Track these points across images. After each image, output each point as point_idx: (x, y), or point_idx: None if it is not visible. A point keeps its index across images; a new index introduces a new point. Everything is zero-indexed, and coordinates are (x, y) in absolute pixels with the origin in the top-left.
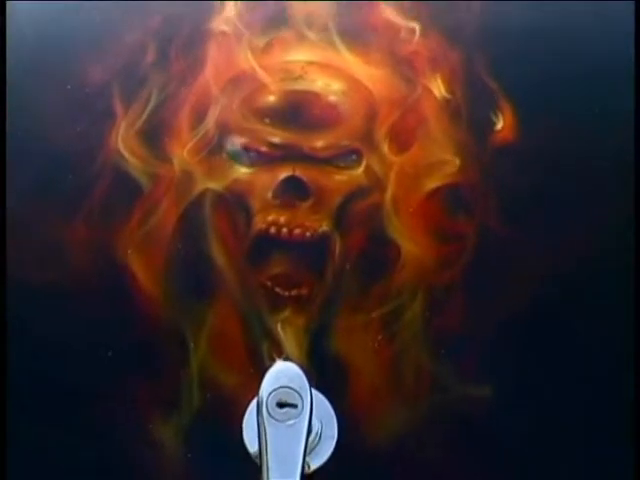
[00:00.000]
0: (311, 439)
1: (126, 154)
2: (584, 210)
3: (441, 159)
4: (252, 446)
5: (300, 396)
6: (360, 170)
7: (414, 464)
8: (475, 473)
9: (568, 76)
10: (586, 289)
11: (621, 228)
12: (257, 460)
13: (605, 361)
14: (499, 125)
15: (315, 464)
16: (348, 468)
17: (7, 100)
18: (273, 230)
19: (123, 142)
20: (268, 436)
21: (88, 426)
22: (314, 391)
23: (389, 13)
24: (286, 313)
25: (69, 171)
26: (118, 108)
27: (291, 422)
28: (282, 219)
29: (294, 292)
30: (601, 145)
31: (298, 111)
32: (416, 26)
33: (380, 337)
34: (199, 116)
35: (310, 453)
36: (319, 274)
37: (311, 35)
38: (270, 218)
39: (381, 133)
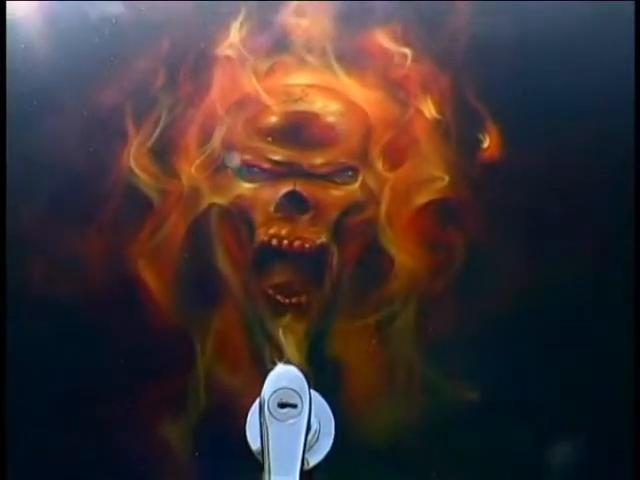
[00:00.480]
0: (310, 437)
1: (137, 171)
2: (566, 222)
3: (431, 175)
4: (255, 444)
5: (300, 397)
6: (356, 186)
7: (406, 460)
8: (461, 466)
9: (553, 97)
10: (566, 294)
11: (605, 237)
12: (259, 457)
13: (587, 367)
14: (486, 144)
15: (314, 460)
16: (345, 464)
17: (28, 120)
18: (275, 242)
19: (135, 160)
20: (270, 434)
21: (101, 425)
22: (313, 392)
23: (383, 39)
24: (287, 319)
25: (85, 187)
26: (130, 128)
27: (291, 421)
28: (283, 231)
29: (294, 300)
30: (583, 160)
31: (298, 131)
32: (408, 52)
33: (374, 341)
34: (206, 135)
35: (309, 450)
36: (318, 283)
37: (311, 60)
38: (272, 231)
39: (376, 151)
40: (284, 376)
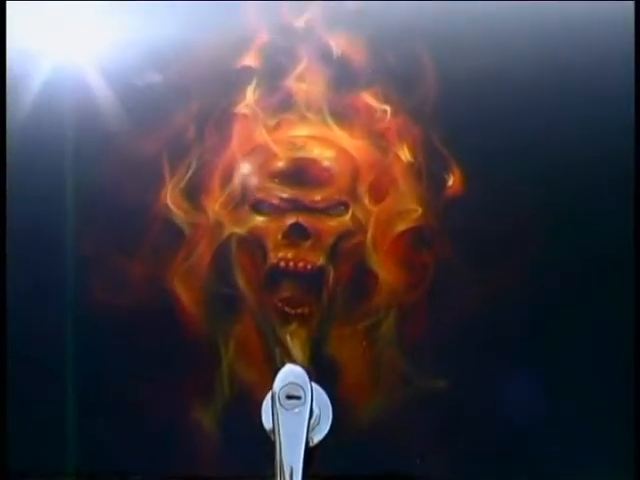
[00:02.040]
0: (313, 421)
1: (173, 208)
2: (516, 245)
3: (407, 208)
4: (268, 424)
5: (303, 390)
6: (347, 217)
7: (389, 438)
8: (433, 443)
9: (506, 144)
10: (519, 304)
11: (551, 255)
12: (272, 436)
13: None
14: (450, 182)
15: (316, 439)
16: (341, 441)
17: (89, 164)
18: (283, 264)
19: (170, 199)
20: (280, 420)
21: (146, 409)
22: (314, 385)
23: (367, 99)
24: (293, 327)
25: (132, 219)
26: (166, 173)
27: (297, 410)
28: (289, 255)
29: (299, 310)
30: (531, 196)
31: (301, 173)
32: (388, 108)
33: (363, 343)
34: (227, 178)
35: (312, 431)
36: (317, 296)
37: (310, 116)
38: (280, 254)
39: (363, 189)
40: (291, 373)
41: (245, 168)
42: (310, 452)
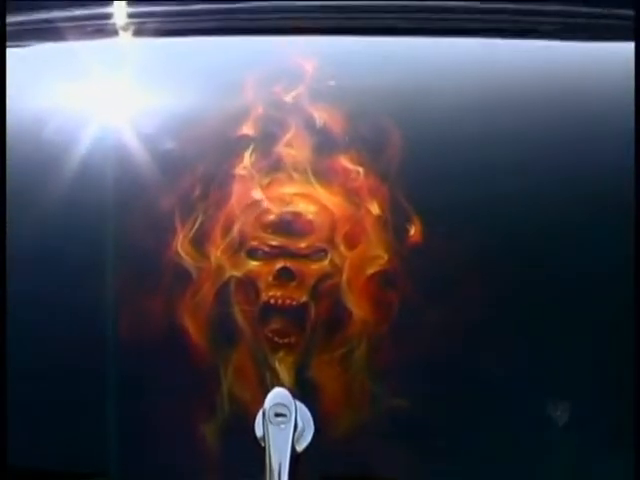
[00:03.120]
0: (297, 434)
1: (182, 254)
2: (466, 284)
3: (376, 254)
4: (259, 434)
5: (289, 409)
6: (326, 262)
7: (363, 449)
8: (401, 456)
9: (459, 201)
10: (477, 334)
11: (500, 292)
12: (262, 443)
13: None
14: (412, 232)
15: (300, 447)
16: (321, 450)
17: (114, 219)
18: (273, 301)
19: (181, 247)
20: (269, 434)
21: (158, 424)
22: (298, 403)
23: (344, 161)
24: (281, 354)
25: (149, 265)
26: (178, 225)
27: (283, 426)
28: (278, 294)
29: (286, 340)
30: (480, 248)
31: (288, 225)
32: (361, 170)
33: (339, 368)
34: (227, 229)
35: (297, 441)
36: (301, 329)
37: (296, 176)
38: (271, 293)
39: (339, 238)
40: (278, 395)
41: (242, 220)
42: (296, 457)
